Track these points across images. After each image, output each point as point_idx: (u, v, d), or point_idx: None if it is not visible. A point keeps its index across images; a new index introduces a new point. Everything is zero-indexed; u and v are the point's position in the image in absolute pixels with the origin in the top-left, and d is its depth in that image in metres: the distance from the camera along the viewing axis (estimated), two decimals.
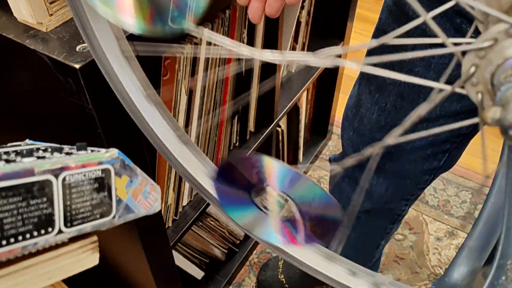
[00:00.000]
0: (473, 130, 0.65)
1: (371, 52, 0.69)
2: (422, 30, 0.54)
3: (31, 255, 0.23)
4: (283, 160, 1.26)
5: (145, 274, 0.74)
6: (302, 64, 0.25)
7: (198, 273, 1.10)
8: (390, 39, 0.24)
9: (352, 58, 1.49)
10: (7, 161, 0.22)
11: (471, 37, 0.24)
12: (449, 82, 0.23)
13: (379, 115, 0.68)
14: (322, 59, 0.25)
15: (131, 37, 0.35)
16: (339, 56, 0.25)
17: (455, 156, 0.71)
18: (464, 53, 0.22)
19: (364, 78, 0.71)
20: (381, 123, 0.68)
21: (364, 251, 0.95)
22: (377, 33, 0.66)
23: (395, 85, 0.63)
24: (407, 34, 0.24)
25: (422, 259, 1.24)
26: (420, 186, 0.75)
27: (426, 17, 0.22)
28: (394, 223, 0.88)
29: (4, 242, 0.20)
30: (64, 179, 0.23)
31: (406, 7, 0.57)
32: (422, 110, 0.23)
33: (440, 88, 0.23)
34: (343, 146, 0.81)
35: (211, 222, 1.11)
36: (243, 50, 0.28)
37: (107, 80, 0.36)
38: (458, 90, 0.23)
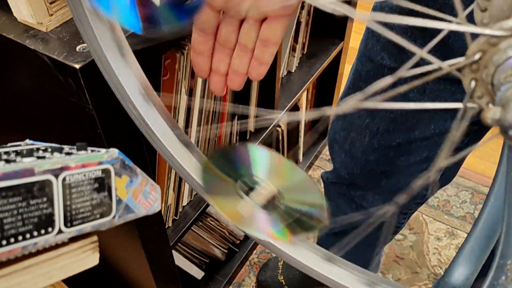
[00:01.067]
0: (468, 144, 0.65)
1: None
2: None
3: (31, 255, 0.23)
4: None
5: (145, 274, 0.74)
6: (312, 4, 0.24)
7: (198, 273, 1.10)
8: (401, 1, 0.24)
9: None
10: (7, 161, 0.22)
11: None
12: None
13: (371, 138, 0.67)
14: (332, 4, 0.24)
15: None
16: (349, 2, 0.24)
17: (452, 171, 0.71)
18: (473, 37, 0.22)
19: None
20: (374, 145, 0.67)
21: (363, 258, 0.95)
22: (363, 59, 0.66)
23: (387, 111, 0.62)
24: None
25: (422, 259, 1.24)
26: (417, 201, 0.74)
27: (422, 53, 0.22)
28: (393, 233, 0.88)
29: (4, 242, 0.20)
30: (64, 179, 0.23)
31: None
32: (397, 75, 0.23)
33: (438, 65, 0.23)
34: (336, 168, 0.79)
35: (211, 222, 1.11)
36: None
37: (107, 81, 0.36)
38: (454, 72, 0.23)
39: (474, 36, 0.22)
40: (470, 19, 0.23)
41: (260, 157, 0.32)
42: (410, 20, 0.22)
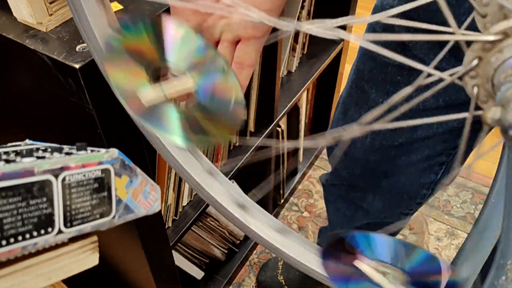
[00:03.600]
0: (468, 141, 0.64)
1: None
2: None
3: (31, 255, 0.23)
4: (282, 160, 1.26)
5: (145, 274, 0.74)
6: (303, 32, 0.24)
7: (198, 273, 1.10)
8: (395, 19, 0.23)
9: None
10: (7, 161, 0.22)
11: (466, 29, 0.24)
12: (448, 105, 0.23)
13: (373, 138, 0.66)
14: (325, 30, 0.24)
15: None
16: (343, 28, 0.24)
17: (452, 169, 0.71)
18: (468, 44, 0.22)
19: (352, 103, 0.69)
20: (375, 145, 0.67)
21: None
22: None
23: (389, 111, 0.62)
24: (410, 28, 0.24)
25: None
26: (418, 200, 0.74)
27: None
28: (394, 234, 0.88)
29: (4, 242, 0.20)
30: (64, 179, 0.23)
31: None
32: (405, 91, 0.23)
33: (439, 76, 0.23)
34: (336, 169, 0.79)
35: (211, 222, 1.11)
36: (250, 15, 0.27)
37: (107, 82, 0.36)
38: (456, 81, 0.23)
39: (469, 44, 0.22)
40: (474, 28, 0.23)
41: (186, 42, 0.29)
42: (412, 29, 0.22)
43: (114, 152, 0.26)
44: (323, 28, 0.23)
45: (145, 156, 0.59)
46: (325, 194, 0.91)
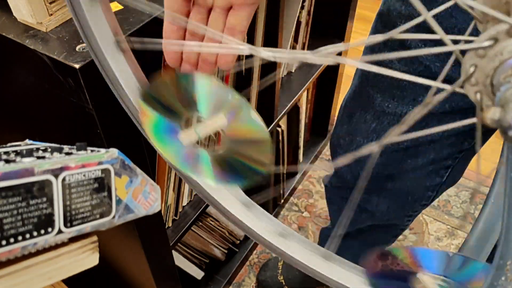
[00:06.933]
0: (474, 146, 0.64)
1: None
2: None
3: (31, 255, 0.23)
4: (283, 160, 1.26)
5: (145, 274, 0.74)
6: (302, 61, 0.24)
7: (198, 273, 1.10)
8: (395, 33, 0.24)
9: (352, 56, 1.48)
10: (7, 161, 0.22)
11: (470, 35, 0.24)
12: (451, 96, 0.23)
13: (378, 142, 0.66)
14: (322, 57, 0.24)
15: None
16: (340, 54, 0.25)
17: (458, 172, 0.70)
18: (463, 52, 0.22)
19: (357, 107, 0.69)
20: (381, 149, 0.66)
21: None
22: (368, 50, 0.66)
23: (395, 115, 0.62)
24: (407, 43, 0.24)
25: None
26: (423, 202, 0.74)
27: (427, 15, 0.22)
28: (397, 236, 0.88)
29: (4, 242, 0.20)
30: (64, 179, 0.23)
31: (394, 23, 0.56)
32: (419, 109, 0.23)
33: (439, 87, 0.23)
34: (341, 172, 0.78)
35: (211, 222, 1.11)
36: (243, 49, 0.28)
37: (103, 75, 0.36)
38: (457, 89, 0.23)
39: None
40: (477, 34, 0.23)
41: (207, 92, 0.31)
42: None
43: (114, 152, 0.26)
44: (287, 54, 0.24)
45: (145, 156, 0.59)
46: (327, 196, 0.91)
